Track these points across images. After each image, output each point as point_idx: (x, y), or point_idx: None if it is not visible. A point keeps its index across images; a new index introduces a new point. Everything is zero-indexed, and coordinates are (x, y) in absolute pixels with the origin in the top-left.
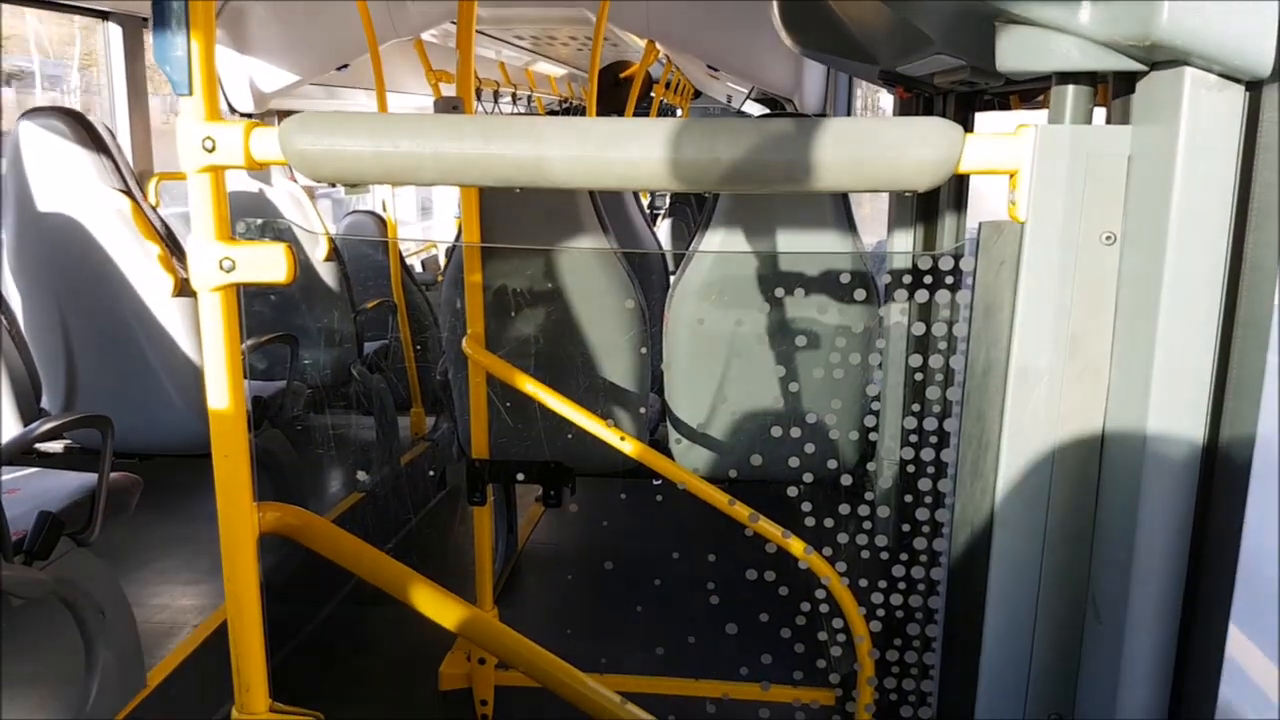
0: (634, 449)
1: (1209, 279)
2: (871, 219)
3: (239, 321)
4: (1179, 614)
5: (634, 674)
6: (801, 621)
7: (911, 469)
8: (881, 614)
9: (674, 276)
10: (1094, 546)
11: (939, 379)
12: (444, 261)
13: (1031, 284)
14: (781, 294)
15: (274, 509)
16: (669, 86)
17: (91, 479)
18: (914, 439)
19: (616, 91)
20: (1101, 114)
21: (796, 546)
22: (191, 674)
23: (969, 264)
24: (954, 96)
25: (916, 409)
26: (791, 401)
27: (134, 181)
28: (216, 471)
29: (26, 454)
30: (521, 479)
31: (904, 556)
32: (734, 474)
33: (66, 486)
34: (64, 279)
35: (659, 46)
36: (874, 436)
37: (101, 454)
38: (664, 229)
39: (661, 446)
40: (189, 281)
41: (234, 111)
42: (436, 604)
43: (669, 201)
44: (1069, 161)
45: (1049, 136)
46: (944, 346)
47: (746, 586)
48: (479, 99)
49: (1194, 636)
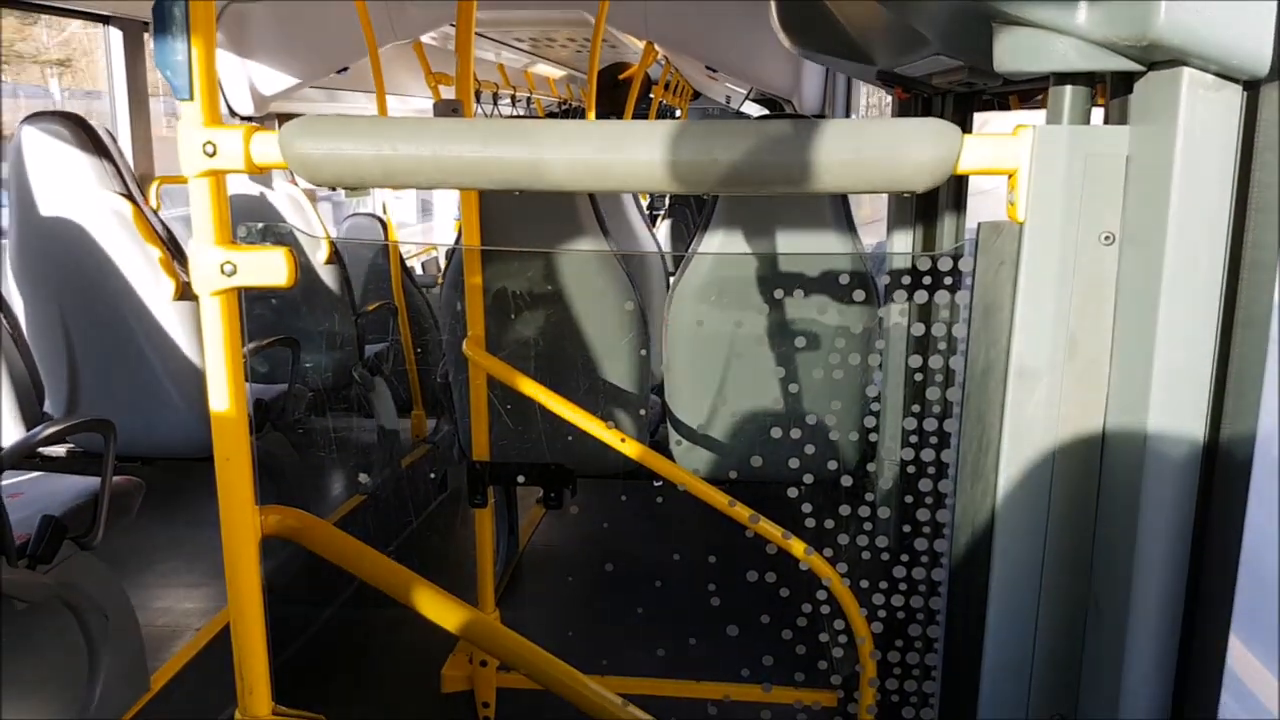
0: (634, 450)
1: (1208, 278)
2: (872, 219)
3: (240, 325)
4: (1181, 614)
5: (635, 676)
6: (803, 623)
7: (912, 470)
8: (883, 615)
9: (673, 278)
10: (1095, 547)
11: (939, 379)
12: (444, 264)
13: (1031, 284)
14: (781, 295)
15: (276, 512)
16: (668, 87)
17: (94, 483)
18: (914, 440)
19: (615, 93)
20: (1100, 114)
21: (797, 547)
22: (194, 677)
23: (968, 264)
24: (952, 97)
25: (916, 410)
26: (791, 402)
27: (135, 185)
28: (218, 475)
29: (29, 458)
30: (522, 481)
31: (905, 557)
32: (734, 475)
33: (69, 490)
34: (66, 283)
35: (657, 48)
36: (874, 437)
37: (104, 458)
38: (663, 230)
39: (662, 448)
40: (190, 285)
41: (234, 114)
42: (438, 606)
43: (668, 203)
44: (1067, 162)
45: (1047, 137)
46: (944, 347)
47: (747, 588)
48: (478, 101)
49: (1196, 636)
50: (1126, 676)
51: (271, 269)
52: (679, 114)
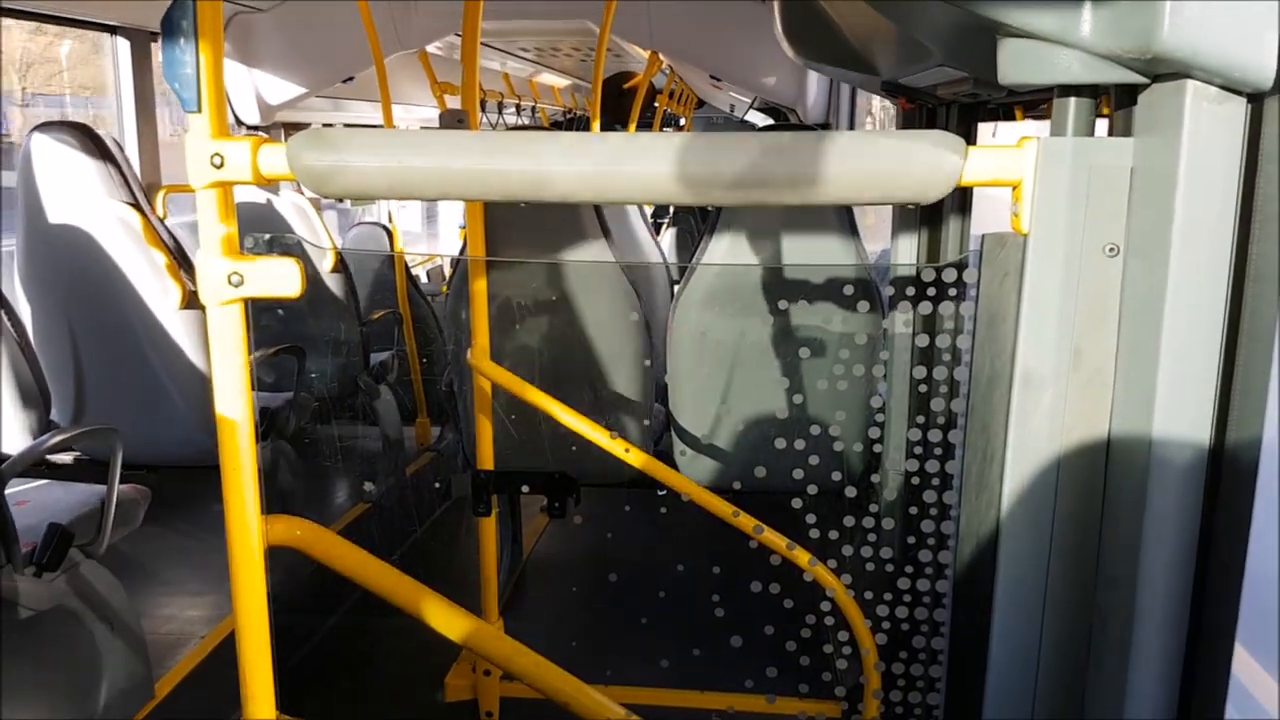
0: (638, 460)
1: (1212, 290)
2: (876, 229)
3: (246, 334)
4: (1186, 624)
5: (639, 686)
6: (807, 634)
7: (916, 481)
8: (887, 626)
9: (677, 287)
10: (1100, 558)
11: (943, 390)
12: (449, 272)
13: (1035, 295)
14: (785, 304)
15: (281, 520)
16: (672, 97)
17: (100, 491)
18: (919, 450)
19: (620, 102)
20: (1104, 126)
21: (802, 558)
22: (199, 685)
23: (972, 275)
24: (957, 107)
25: (921, 420)
26: (795, 412)
27: (142, 194)
28: (224, 483)
29: (36, 465)
30: (526, 490)
31: (909, 569)
32: (738, 485)
33: (75, 498)
34: (73, 291)
35: (662, 57)
36: (878, 448)
37: (110, 466)
38: (668, 239)
39: (666, 457)
40: (197, 293)
41: (240, 124)
42: (442, 615)
43: (672, 212)
44: (1071, 174)
45: (1051, 149)
46: (948, 358)
47: (752, 598)
48: (484, 110)
49: (1201, 646)
50: (1132, 688)
51: (279, 279)
52: (683, 123)
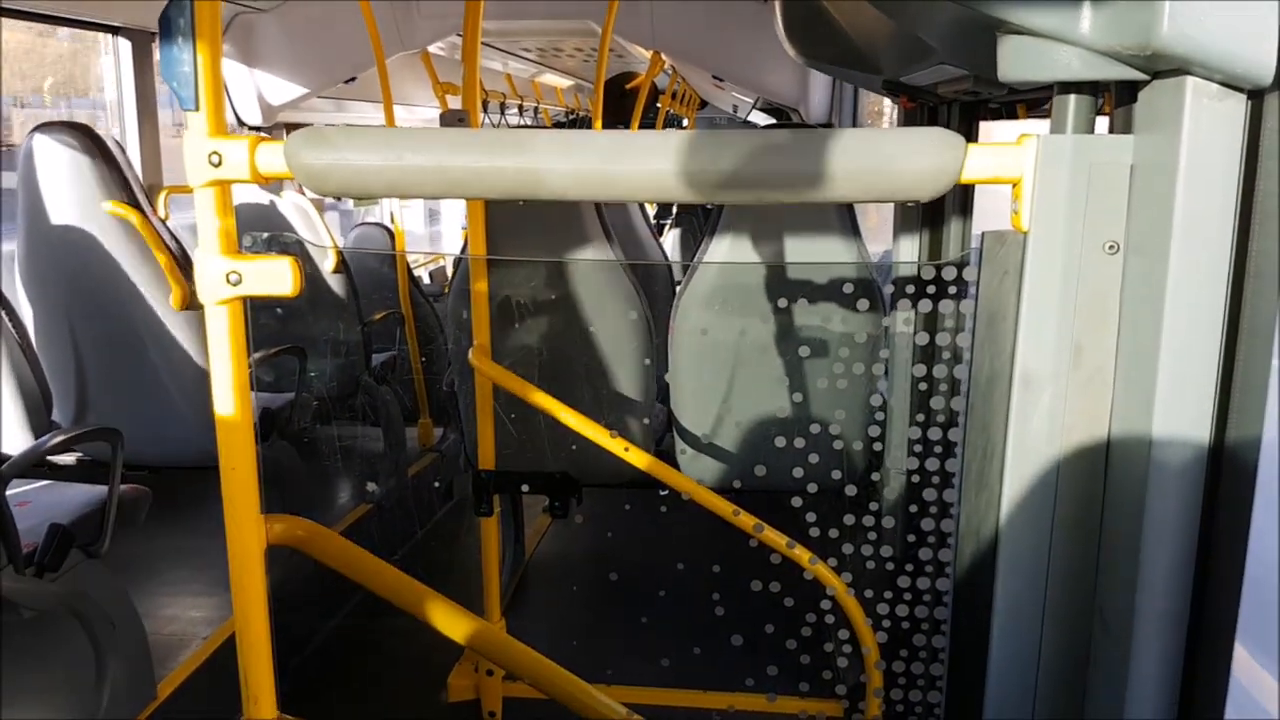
0: (639, 459)
1: (1212, 287)
2: (878, 228)
3: (246, 334)
4: (1186, 623)
5: (640, 685)
6: (808, 633)
7: (917, 479)
8: (888, 625)
9: (679, 286)
10: (1100, 556)
11: (943, 388)
12: (451, 273)
13: (1035, 293)
14: (786, 303)
15: (282, 521)
16: (675, 97)
17: (101, 491)
18: (919, 449)
19: (623, 102)
20: (1104, 123)
21: (802, 557)
22: (200, 685)
23: (973, 273)
24: (958, 106)
25: (921, 419)
26: (796, 411)
27: (143, 195)
28: (224, 484)
29: (37, 466)
30: (528, 490)
31: (910, 567)
32: (739, 484)
33: (77, 499)
34: (74, 291)
35: (664, 57)
36: (879, 446)
37: (111, 466)
38: (671, 238)
39: (667, 457)
40: (197, 294)
41: (242, 125)
42: (444, 615)
43: (675, 211)
44: (1071, 171)
45: (1051, 146)
46: (948, 356)
47: (752, 597)
48: (485, 111)
49: (1201, 645)
50: (1132, 685)
51: (277, 278)
52: (686, 123)
